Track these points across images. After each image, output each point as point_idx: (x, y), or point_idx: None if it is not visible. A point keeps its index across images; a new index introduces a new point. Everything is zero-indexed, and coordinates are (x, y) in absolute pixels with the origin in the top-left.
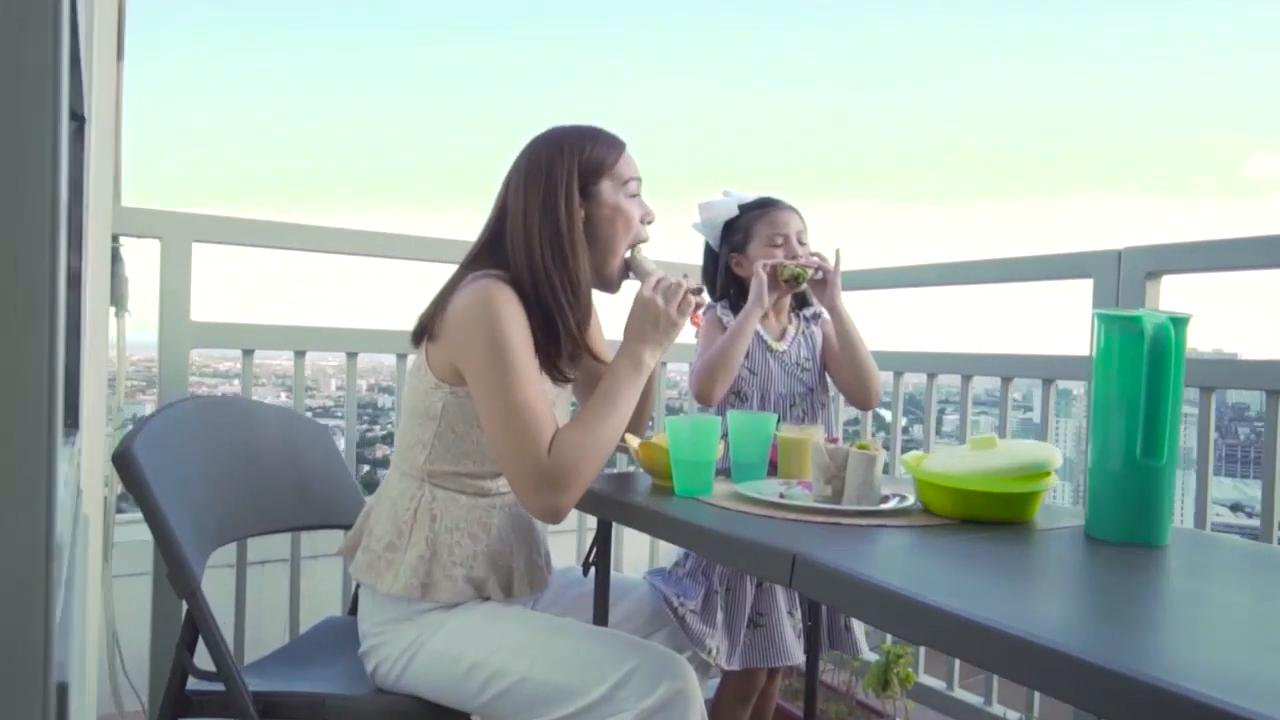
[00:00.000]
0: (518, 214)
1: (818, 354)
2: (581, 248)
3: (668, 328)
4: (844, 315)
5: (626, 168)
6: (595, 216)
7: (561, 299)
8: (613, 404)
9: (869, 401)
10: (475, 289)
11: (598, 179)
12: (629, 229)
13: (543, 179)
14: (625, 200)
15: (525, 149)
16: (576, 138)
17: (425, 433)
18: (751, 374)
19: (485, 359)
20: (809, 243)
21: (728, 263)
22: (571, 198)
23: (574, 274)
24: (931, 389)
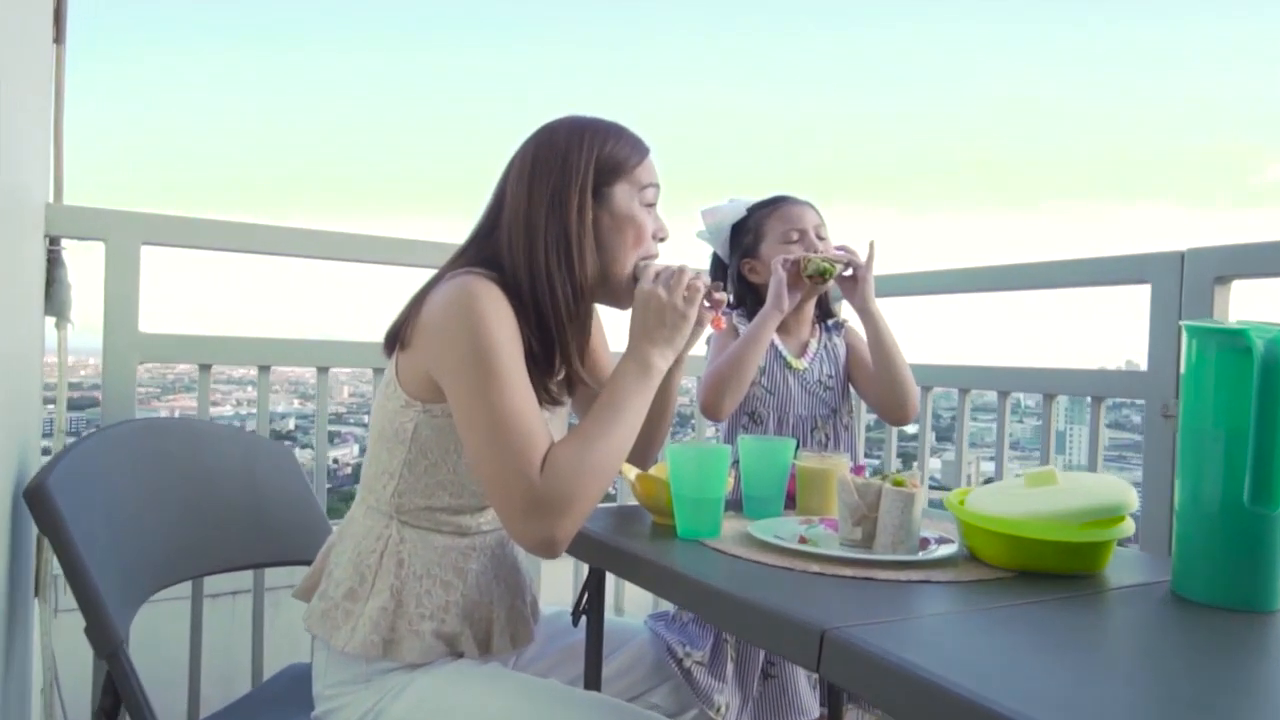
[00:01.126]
0: (520, 204)
1: (841, 369)
2: (590, 253)
3: (676, 321)
4: (878, 317)
5: (646, 173)
6: (604, 222)
7: (562, 307)
8: (617, 414)
9: (905, 415)
10: (455, 285)
11: (614, 180)
12: (640, 241)
13: (556, 167)
14: (640, 209)
15: (537, 133)
16: (599, 130)
17: (393, 460)
18: (769, 393)
19: (466, 363)
20: (829, 238)
21: (739, 270)
22: (585, 194)
23: (580, 281)
24: (964, 407)
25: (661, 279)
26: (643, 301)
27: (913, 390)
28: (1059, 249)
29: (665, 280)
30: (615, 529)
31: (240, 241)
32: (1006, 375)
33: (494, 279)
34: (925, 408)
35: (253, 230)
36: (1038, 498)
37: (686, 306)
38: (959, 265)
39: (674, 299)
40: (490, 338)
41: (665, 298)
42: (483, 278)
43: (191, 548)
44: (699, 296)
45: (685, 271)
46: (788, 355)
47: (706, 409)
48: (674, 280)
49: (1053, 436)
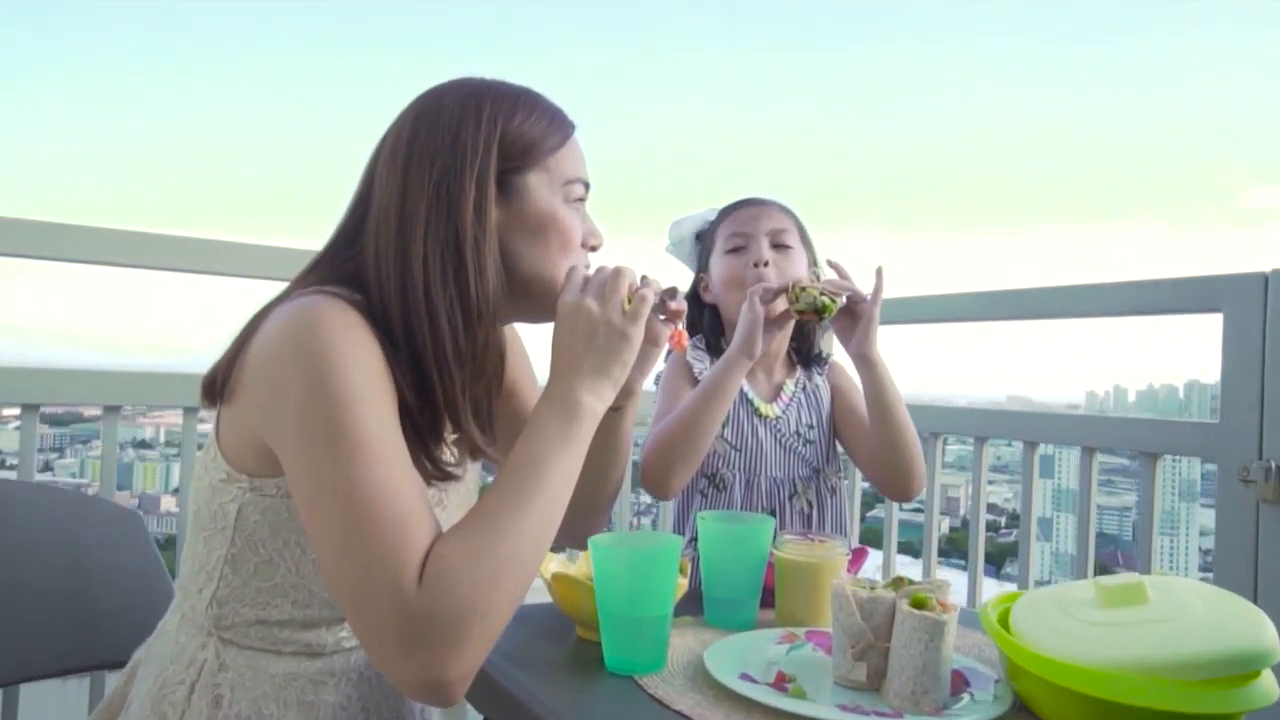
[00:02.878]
0: (391, 198)
1: (825, 417)
2: (492, 265)
3: (613, 344)
4: (881, 368)
5: (569, 162)
6: (511, 222)
7: (447, 341)
8: (534, 483)
9: (909, 489)
10: (293, 311)
11: (525, 166)
12: (566, 247)
13: (442, 147)
14: (563, 207)
15: (417, 101)
16: (503, 96)
17: (211, 554)
18: (734, 450)
19: (305, 422)
20: (795, 245)
21: (695, 289)
22: (485, 184)
23: (475, 303)
24: (981, 462)
25: (592, 286)
26: (567, 318)
27: (918, 459)
28: (1044, 271)
29: (597, 287)
30: (522, 651)
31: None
32: (1035, 423)
33: (353, 302)
34: (933, 465)
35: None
36: (1125, 631)
37: (628, 323)
38: (980, 289)
39: (609, 312)
40: (341, 384)
41: (597, 311)
42: (335, 299)
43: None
44: (645, 308)
45: (623, 275)
46: (756, 400)
47: (650, 484)
48: (609, 287)
49: (1093, 508)
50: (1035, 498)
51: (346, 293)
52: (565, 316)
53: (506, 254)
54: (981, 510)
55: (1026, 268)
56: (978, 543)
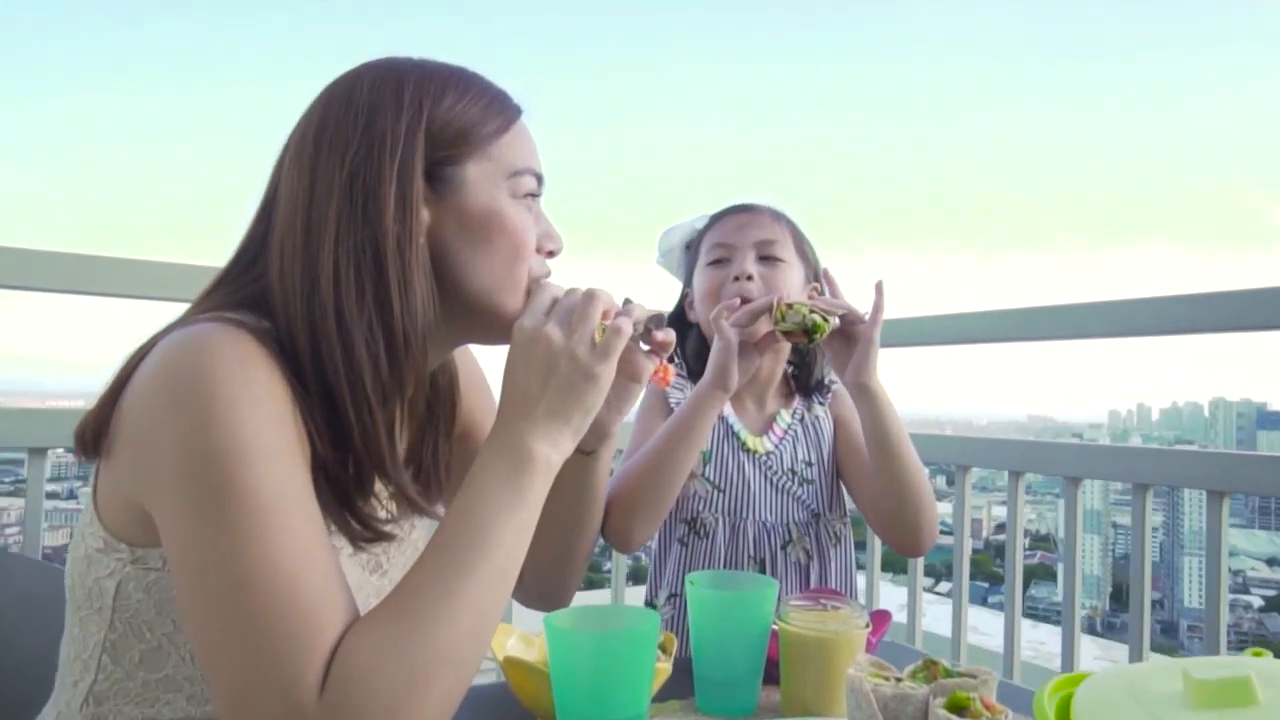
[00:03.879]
0: (297, 203)
1: (828, 453)
2: (421, 278)
3: (576, 381)
4: (881, 400)
5: (517, 149)
6: (447, 222)
7: (366, 377)
8: (472, 555)
9: (916, 544)
10: (172, 343)
11: (460, 155)
12: (515, 253)
13: (354, 135)
14: (510, 203)
15: (327, 88)
16: (430, 76)
17: (89, 639)
18: (716, 490)
19: (184, 479)
20: (788, 258)
21: (681, 306)
22: (409, 178)
23: (402, 327)
24: (1017, 497)
25: (558, 311)
26: (523, 346)
27: (927, 509)
28: (1066, 288)
29: (564, 313)
30: None
31: None
32: (1079, 455)
33: (255, 331)
34: (961, 500)
35: None
36: None
37: (597, 359)
38: (1005, 306)
39: (574, 344)
40: (227, 434)
41: (560, 341)
42: (230, 327)
43: None
44: (619, 342)
45: (597, 300)
46: (743, 433)
47: (611, 535)
48: (578, 313)
49: (1146, 560)
50: (1079, 538)
51: (251, 319)
52: (521, 344)
53: (443, 263)
54: (1018, 553)
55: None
56: (1014, 593)
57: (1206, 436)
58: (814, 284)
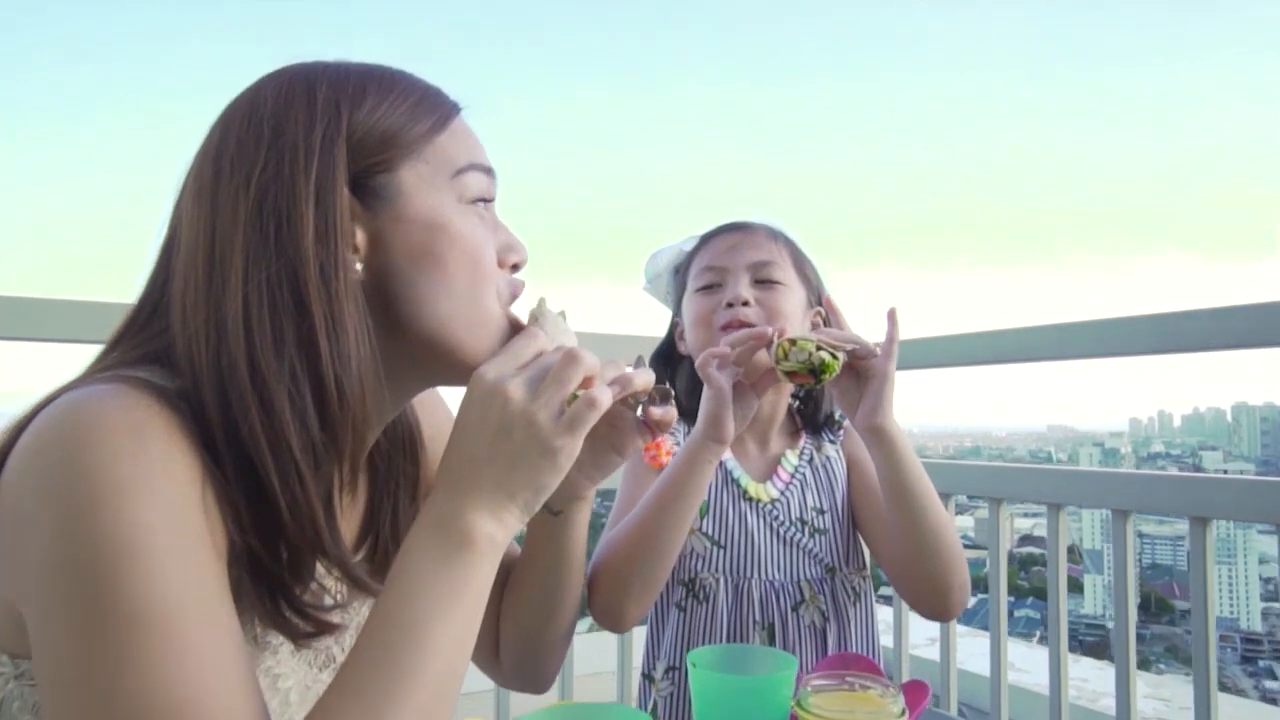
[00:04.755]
0: (198, 235)
1: (841, 498)
2: (353, 309)
3: (531, 454)
4: (898, 445)
5: (457, 147)
6: (386, 241)
7: (290, 436)
8: (406, 659)
9: (947, 606)
10: (53, 413)
11: (390, 161)
12: (473, 271)
13: (260, 155)
14: (459, 210)
15: (228, 105)
16: (344, 78)
17: None
18: (715, 546)
19: (57, 579)
20: (787, 281)
21: (671, 337)
22: (329, 192)
23: (328, 370)
24: (1059, 536)
25: (533, 367)
26: (478, 401)
27: (955, 566)
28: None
29: (537, 371)
30: None
31: None
32: (1134, 487)
33: (159, 392)
34: (996, 537)
35: None
36: None
37: (560, 432)
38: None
39: (537, 408)
40: (111, 525)
41: (520, 401)
42: (125, 390)
43: None
44: (592, 415)
45: (579, 363)
46: (745, 479)
47: (600, 614)
48: (553, 375)
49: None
50: (1131, 576)
51: (160, 375)
52: (477, 396)
53: (390, 291)
54: (1062, 594)
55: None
56: (1059, 629)
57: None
58: (817, 308)
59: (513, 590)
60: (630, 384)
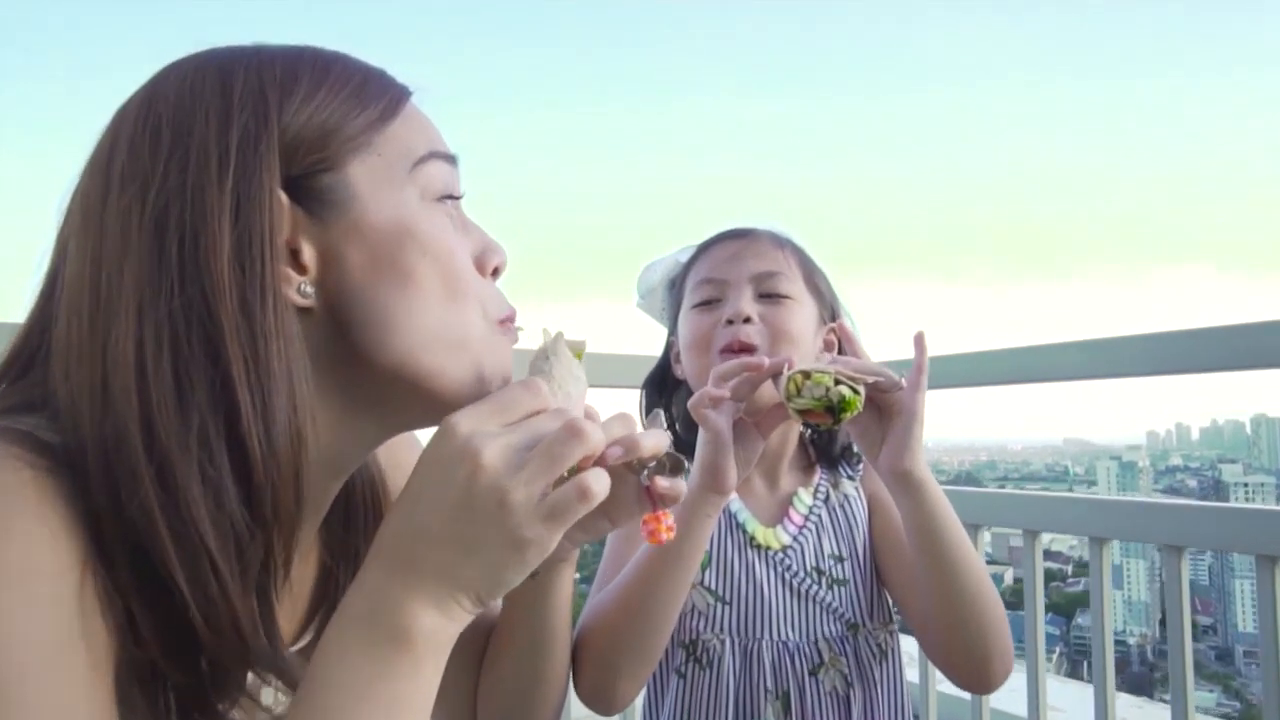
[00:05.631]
0: (83, 265)
1: (863, 542)
2: (286, 353)
3: (493, 542)
4: (928, 492)
5: (413, 134)
6: (350, 257)
7: (202, 532)
8: None
9: (987, 677)
10: None
11: (335, 159)
12: (454, 283)
13: (159, 164)
14: (425, 210)
15: (119, 109)
16: (268, 63)
17: None
18: (721, 604)
19: None
20: (795, 294)
21: (666, 359)
22: (254, 209)
23: (250, 431)
24: (1103, 568)
25: (523, 431)
26: (445, 460)
27: (998, 632)
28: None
29: (526, 438)
30: None
31: None
32: (1185, 522)
33: (38, 451)
34: (1033, 573)
35: None
36: None
37: (536, 521)
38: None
39: (514, 485)
40: None
41: (496, 474)
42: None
43: None
44: (582, 508)
45: (583, 439)
46: (752, 524)
47: (588, 694)
48: (545, 450)
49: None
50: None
51: (40, 427)
52: (442, 455)
53: (342, 316)
54: (1108, 633)
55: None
56: (1105, 675)
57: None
58: (830, 325)
59: (490, 666)
60: (637, 449)
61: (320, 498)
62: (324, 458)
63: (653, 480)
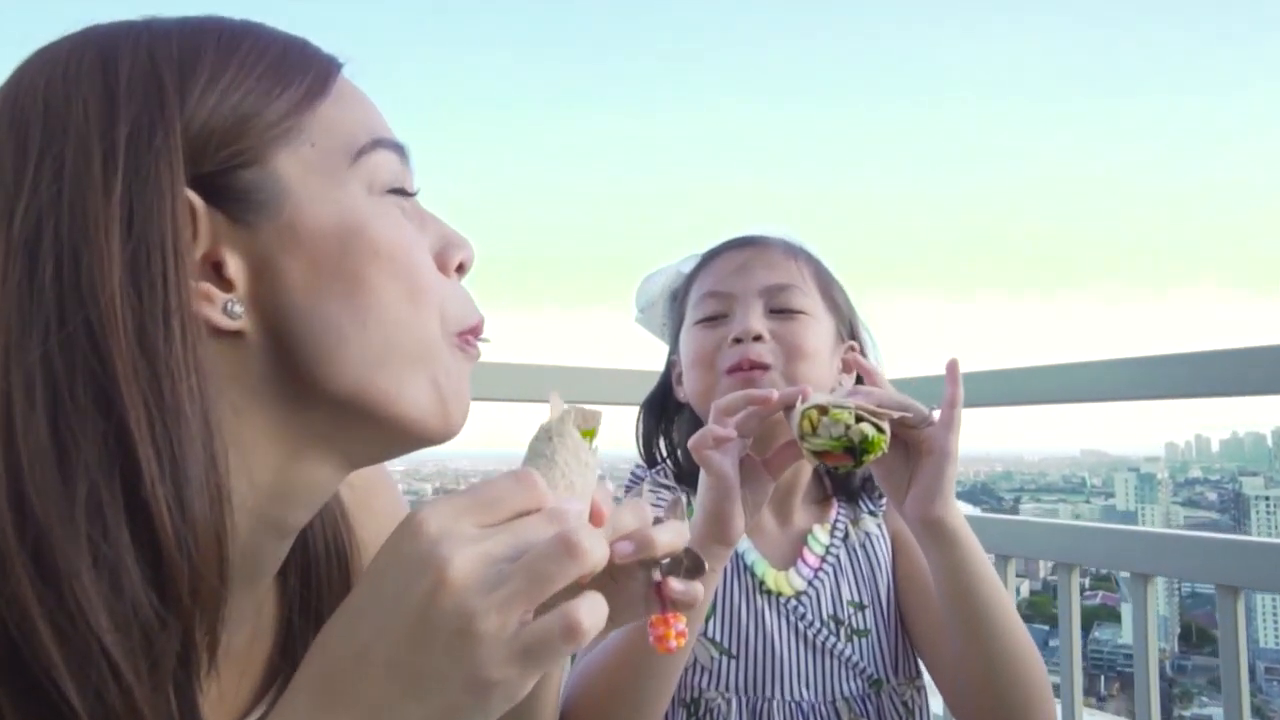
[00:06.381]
0: None
1: (886, 587)
2: (194, 397)
3: (451, 683)
4: (962, 541)
5: (353, 115)
6: (284, 267)
7: (94, 623)
8: None
9: None
10: None
11: (259, 150)
12: (412, 289)
13: (27, 173)
14: (372, 204)
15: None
16: (160, 41)
17: None
18: (728, 658)
19: None
20: (811, 310)
21: (667, 380)
22: (153, 223)
23: (164, 511)
24: (1147, 604)
25: (495, 543)
26: (400, 572)
27: (1040, 697)
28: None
29: (502, 551)
30: None
31: None
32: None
33: None
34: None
35: None
36: None
37: (507, 662)
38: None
39: (485, 608)
40: None
41: (462, 595)
42: None
43: None
44: (566, 648)
45: (579, 558)
46: (761, 566)
47: None
48: (530, 564)
49: None
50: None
51: None
52: (400, 558)
53: (282, 338)
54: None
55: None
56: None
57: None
58: (850, 343)
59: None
60: (650, 547)
61: (265, 560)
62: (268, 512)
63: (665, 580)
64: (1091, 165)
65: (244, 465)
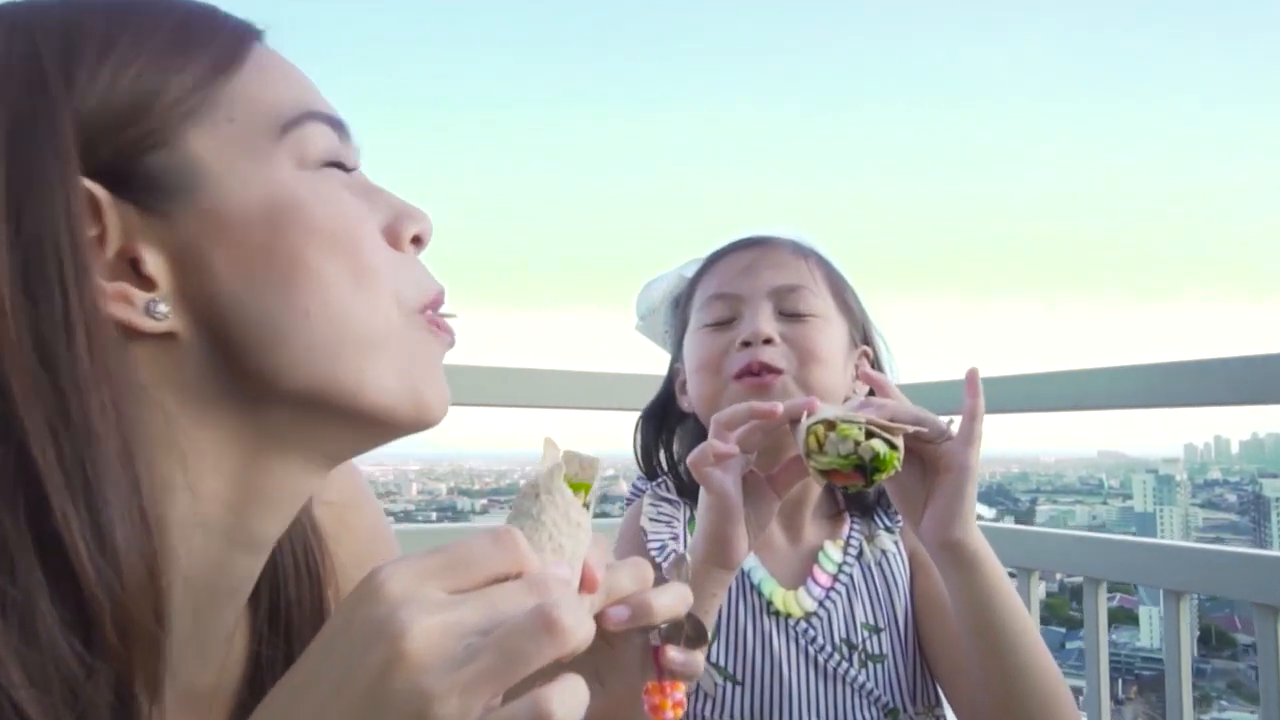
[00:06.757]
0: None
1: (904, 609)
2: (108, 414)
3: None
4: (984, 566)
5: (276, 87)
6: (209, 257)
7: (5, 679)
8: None
9: None
10: None
11: (167, 129)
12: (356, 259)
13: None
14: (304, 179)
15: None
16: (42, 16)
17: None
18: (733, 685)
19: None
20: (822, 313)
21: (669, 389)
22: (44, 221)
23: (85, 548)
24: (1180, 624)
25: (464, 612)
26: (354, 640)
27: (1065, 711)
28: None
29: (472, 621)
30: None
31: None
32: None
33: None
34: (1095, 629)
35: None
36: None
37: None
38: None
39: (445, 690)
40: None
41: (420, 668)
42: None
43: None
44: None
45: (559, 638)
46: (769, 586)
47: None
48: (501, 642)
49: None
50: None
51: None
52: (355, 624)
53: (216, 337)
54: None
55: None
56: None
57: None
58: (863, 348)
59: None
60: (648, 615)
61: (234, 580)
62: (232, 524)
63: (664, 646)
64: (1117, 165)
65: (190, 477)
